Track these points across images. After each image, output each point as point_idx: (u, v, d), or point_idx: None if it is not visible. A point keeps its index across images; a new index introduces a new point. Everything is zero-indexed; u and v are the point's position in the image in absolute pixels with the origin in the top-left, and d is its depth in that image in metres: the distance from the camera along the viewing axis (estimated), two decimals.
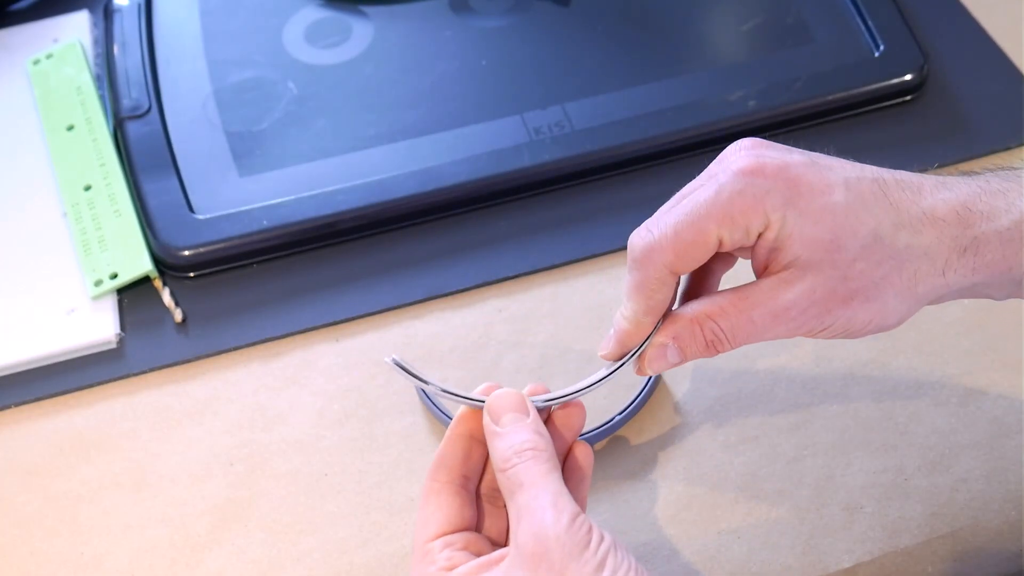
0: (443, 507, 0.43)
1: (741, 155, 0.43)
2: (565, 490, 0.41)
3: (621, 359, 0.46)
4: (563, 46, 0.70)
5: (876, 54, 0.67)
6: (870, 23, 0.68)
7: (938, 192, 0.43)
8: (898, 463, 0.53)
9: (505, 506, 0.45)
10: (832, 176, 0.43)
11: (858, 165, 0.44)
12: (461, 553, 0.42)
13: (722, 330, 0.43)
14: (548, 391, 0.46)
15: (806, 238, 0.42)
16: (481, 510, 0.45)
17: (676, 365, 0.45)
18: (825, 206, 0.42)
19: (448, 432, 0.45)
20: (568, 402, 0.46)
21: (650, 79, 0.67)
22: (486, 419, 0.44)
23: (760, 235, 0.42)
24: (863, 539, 0.50)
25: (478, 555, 0.42)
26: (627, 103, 0.66)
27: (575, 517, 0.39)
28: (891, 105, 0.67)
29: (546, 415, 0.46)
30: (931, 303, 0.45)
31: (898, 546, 0.50)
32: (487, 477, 0.45)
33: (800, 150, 0.44)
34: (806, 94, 0.65)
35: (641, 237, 0.43)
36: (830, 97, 0.66)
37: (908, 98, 0.67)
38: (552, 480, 0.41)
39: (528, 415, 0.43)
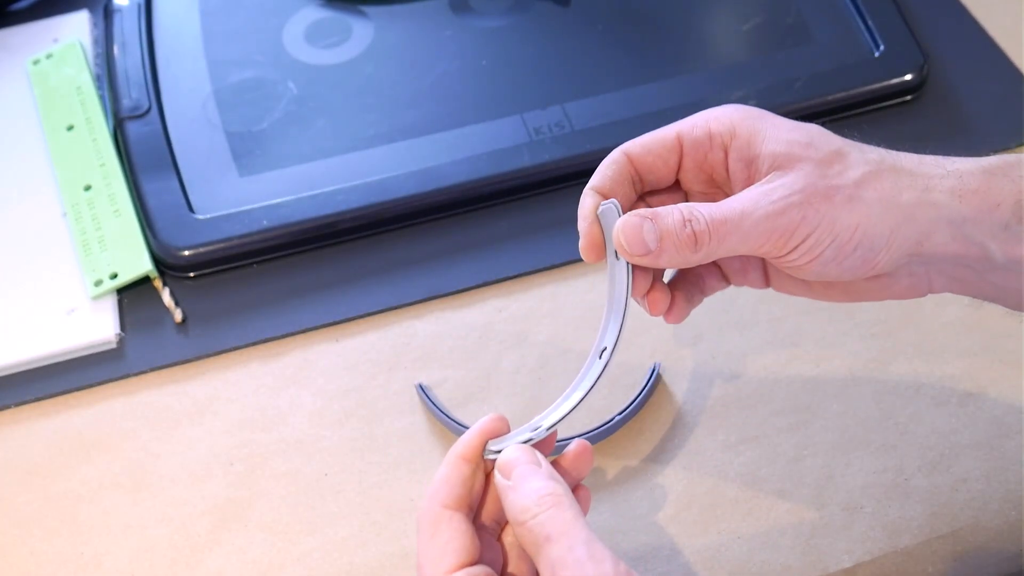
0: (457, 536, 0.41)
1: None
2: (595, 535, 0.40)
3: (591, 252, 0.45)
4: (563, 46, 0.70)
5: (876, 54, 0.67)
6: (870, 23, 0.68)
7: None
8: (898, 463, 0.53)
9: (501, 538, 0.45)
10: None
11: None
12: None
13: (702, 213, 0.42)
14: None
15: (782, 139, 0.44)
16: (481, 540, 0.43)
17: (652, 254, 0.43)
18: (796, 124, 0.45)
19: (449, 455, 0.44)
20: (579, 448, 0.45)
21: (650, 79, 0.67)
22: (497, 476, 0.43)
23: (727, 147, 0.45)
24: (863, 539, 0.50)
25: None
26: (627, 103, 0.66)
27: (616, 564, 0.38)
28: (891, 105, 0.67)
29: (550, 449, 0.46)
30: (926, 247, 0.43)
31: (898, 546, 0.50)
32: (487, 507, 0.45)
33: None
34: (806, 94, 0.65)
35: None
36: (830, 97, 0.66)
37: (908, 98, 0.67)
38: (580, 527, 0.39)
39: (540, 465, 0.42)
